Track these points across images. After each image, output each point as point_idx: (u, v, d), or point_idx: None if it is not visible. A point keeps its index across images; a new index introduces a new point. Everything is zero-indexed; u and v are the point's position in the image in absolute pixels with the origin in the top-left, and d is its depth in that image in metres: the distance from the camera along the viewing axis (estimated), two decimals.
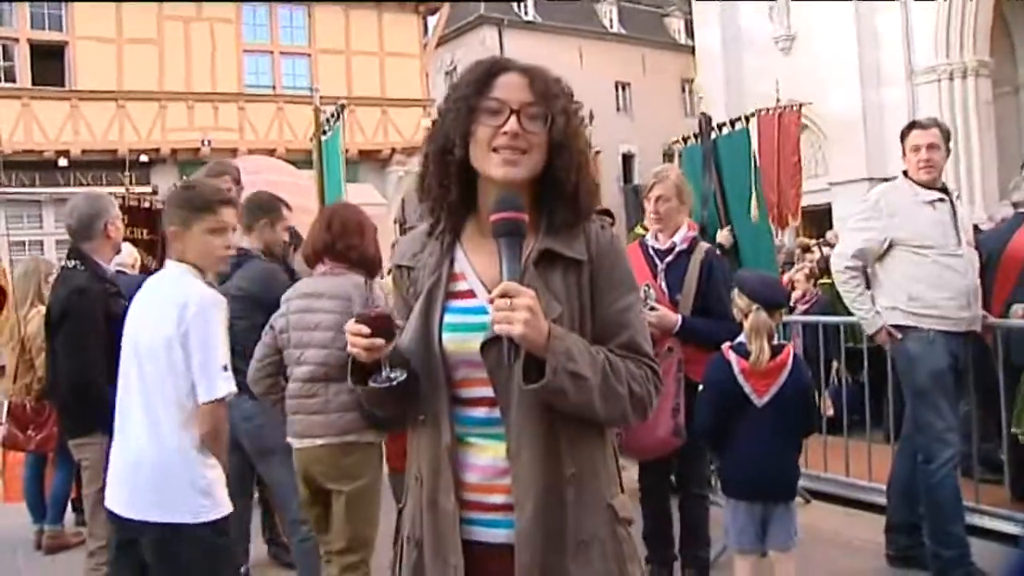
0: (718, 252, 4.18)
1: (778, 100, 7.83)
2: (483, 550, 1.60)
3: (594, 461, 1.63)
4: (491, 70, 1.63)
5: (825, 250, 9.34)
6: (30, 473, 5.54)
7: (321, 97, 6.86)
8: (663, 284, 3.79)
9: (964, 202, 17.20)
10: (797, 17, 20.34)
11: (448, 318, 1.63)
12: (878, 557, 4.27)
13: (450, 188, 1.64)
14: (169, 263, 2.88)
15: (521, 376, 1.49)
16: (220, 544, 2.73)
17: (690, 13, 32.07)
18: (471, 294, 1.65)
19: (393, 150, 19.75)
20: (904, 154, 4.18)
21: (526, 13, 30.51)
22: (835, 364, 6.43)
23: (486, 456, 1.61)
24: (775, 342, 3.27)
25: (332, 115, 6.73)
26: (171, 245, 2.88)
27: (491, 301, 1.47)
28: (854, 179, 16.90)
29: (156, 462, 2.69)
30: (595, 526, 1.60)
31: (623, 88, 32.40)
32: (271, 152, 17.08)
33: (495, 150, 1.59)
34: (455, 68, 29.35)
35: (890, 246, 4.05)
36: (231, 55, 18.04)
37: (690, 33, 32.52)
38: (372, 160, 19.76)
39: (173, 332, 2.66)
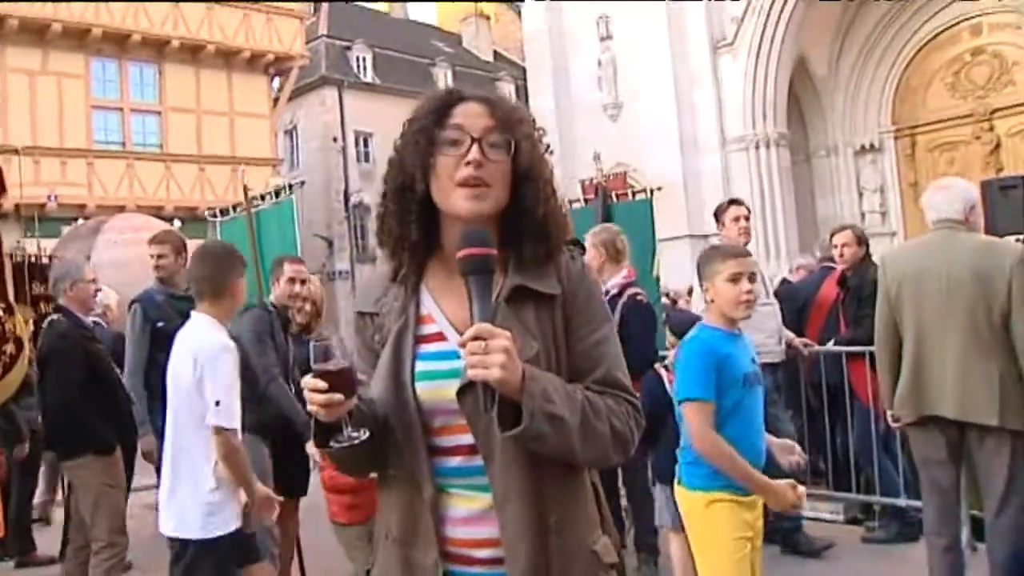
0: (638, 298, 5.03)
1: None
2: None
3: (576, 505, 1.56)
4: (448, 100, 1.56)
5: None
6: None
7: (169, 154, 7.51)
8: None
9: (771, 255, 19.44)
10: (623, 87, 22.20)
11: (420, 365, 1.55)
12: None
13: (411, 227, 1.56)
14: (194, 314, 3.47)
15: (497, 422, 1.41)
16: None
17: (519, 78, 34.10)
18: (441, 337, 1.57)
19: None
20: (724, 224, 5.36)
21: (365, 74, 31.38)
22: None
23: (470, 508, 1.53)
24: None
25: (283, 187, 7.42)
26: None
27: (463, 344, 1.37)
28: (676, 236, 18.62)
29: None
30: (579, 574, 1.53)
31: None
32: (121, 209, 17.09)
33: (459, 184, 1.51)
34: (295, 127, 29.85)
35: None
36: (79, 111, 17.96)
37: (520, 96, 34.40)
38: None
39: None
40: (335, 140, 29.61)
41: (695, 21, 20.82)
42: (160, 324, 4.92)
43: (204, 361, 3.23)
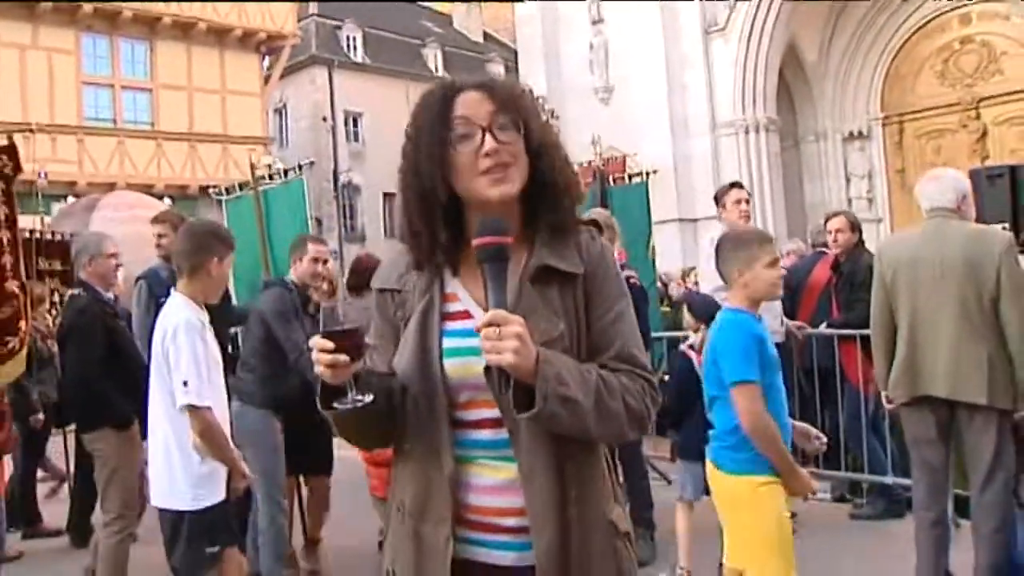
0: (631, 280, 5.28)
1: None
2: (486, 572, 1.58)
3: (594, 478, 1.61)
4: (446, 96, 1.58)
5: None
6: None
7: (160, 131, 7.44)
8: None
9: None
10: (615, 70, 22.24)
11: (447, 342, 1.58)
12: None
13: (439, 230, 1.58)
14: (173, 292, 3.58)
15: (512, 404, 1.45)
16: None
17: (510, 60, 34.15)
18: (467, 314, 1.59)
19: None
20: (725, 207, 5.49)
21: (355, 54, 31.30)
22: None
23: (495, 477, 1.57)
24: None
25: (295, 168, 7.42)
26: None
27: (478, 330, 1.41)
28: (667, 219, 18.70)
29: None
30: (598, 543, 1.58)
31: None
32: (111, 186, 17.09)
33: (482, 173, 1.53)
34: (284, 105, 29.77)
35: None
36: (70, 87, 17.89)
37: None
38: (211, 197, 20.04)
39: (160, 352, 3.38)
40: (325, 120, 29.57)
41: (687, 5, 20.83)
42: (164, 300, 5.04)
43: (169, 338, 3.33)
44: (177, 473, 3.35)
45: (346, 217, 30.13)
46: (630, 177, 6.85)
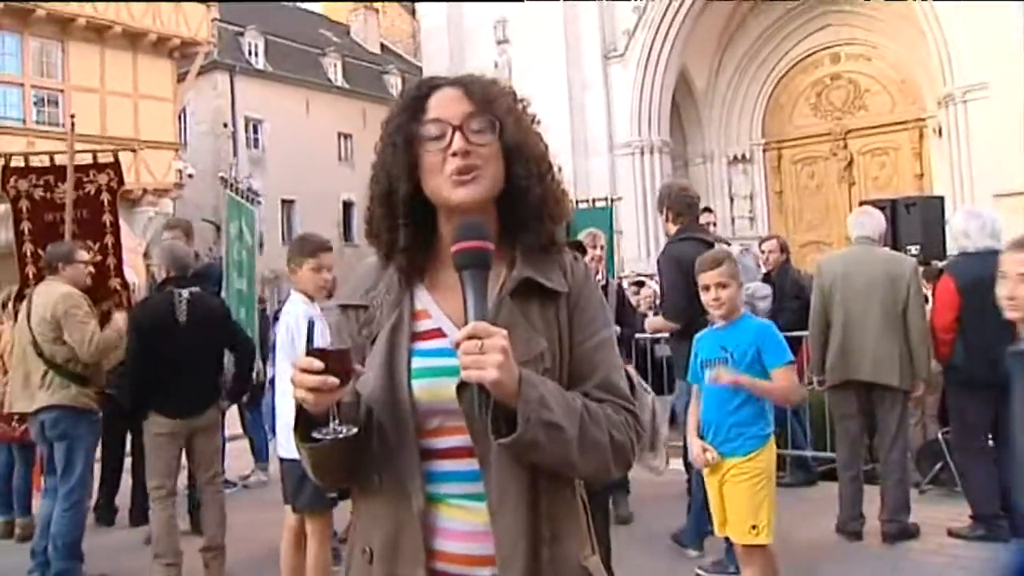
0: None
1: None
2: None
3: (569, 519, 1.50)
4: (420, 92, 1.51)
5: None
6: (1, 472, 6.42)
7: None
8: None
9: (653, 254, 21.06)
10: (518, 89, 23.22)
11: (416, 362, 1.46)
12: None
13: (400, 231, 1.50)
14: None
15: (491, 428, 1.33)
16: None
17: (407, 71, 34.91)
18: (438, 333, 1.49)
19: (144, 191, 20.19)
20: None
21: (257, 61, 31.40)
22: None
23: (468, 521, 1.44)
24: None
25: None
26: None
27: (457, 344, 1.29)
28: None
29: None
30: None
31: (345, 138, 33.56)
32: None
33: (450, 175, 1.44)
34: (184, 109, 29.54)
35: None
36: None
37: None
38: (123, 200, 19.96)
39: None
40: (225, 126, 29.59)
41: (588, 31, 22.10)
42: None
43: (293, 326, 4.22)
44: None
45: None
46: (594, 201, 7.82)
